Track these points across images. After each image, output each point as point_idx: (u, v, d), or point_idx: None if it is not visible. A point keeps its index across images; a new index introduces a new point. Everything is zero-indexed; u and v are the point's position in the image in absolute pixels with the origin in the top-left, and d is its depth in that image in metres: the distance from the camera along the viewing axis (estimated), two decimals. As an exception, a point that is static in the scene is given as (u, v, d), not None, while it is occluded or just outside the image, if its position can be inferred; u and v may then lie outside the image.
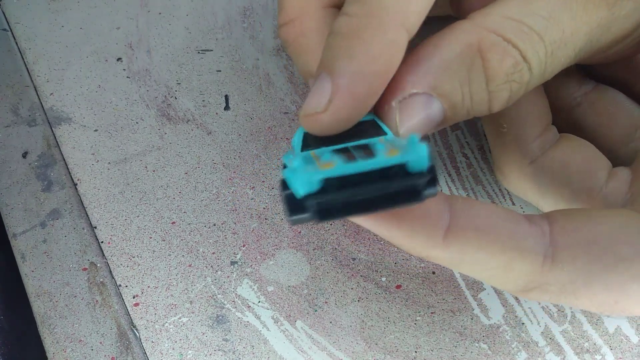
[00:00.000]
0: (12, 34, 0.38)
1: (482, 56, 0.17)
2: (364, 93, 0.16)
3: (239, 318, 0.26)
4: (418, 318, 0.26)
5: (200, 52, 0.36)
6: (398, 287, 0.27)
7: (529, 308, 0.26)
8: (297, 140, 0.18)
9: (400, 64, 0.17)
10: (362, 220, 0.18)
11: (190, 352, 0.25)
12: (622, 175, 0.23)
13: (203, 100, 0.34)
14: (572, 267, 0.17)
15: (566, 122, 0.26)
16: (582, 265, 0.17)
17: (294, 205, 0.14)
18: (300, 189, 0.13)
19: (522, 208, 0.28)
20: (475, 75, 0.18)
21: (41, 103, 0.34)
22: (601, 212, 0.19)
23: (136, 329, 0.26)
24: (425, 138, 0.26)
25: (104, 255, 0.28)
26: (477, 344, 0.25)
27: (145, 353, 0.25)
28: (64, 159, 0.32)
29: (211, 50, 0.36)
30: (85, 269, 0.28)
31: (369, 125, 0.19)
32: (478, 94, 0.18)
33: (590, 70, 0.26)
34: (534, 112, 0.24)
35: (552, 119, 0.25)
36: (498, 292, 0.26)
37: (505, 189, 0.29)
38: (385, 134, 0.18)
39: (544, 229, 0.18)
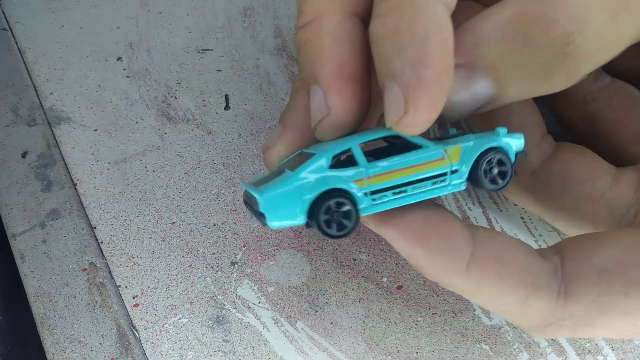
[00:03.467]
0: (12, 33, 0.38)
1: (528, 25, 0.16)
2: (433, 77, 0.15)
3: (239, 319, 0.26)
4: (419, 319, 0.25)
5: (201, 51, 0.36)
6: (399, 287, 0.26)
7: (531, 309, 0.25)
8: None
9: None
10: (390, 236, 0.18)
11: (190, 353, 0.25)
12: (627, 177, 0.23)
13: (203, 100, 0.34)
14: (585, 299, 0.17)
15: (581, 116, 0.25)
16: (596, 296, 0.17)
17: None
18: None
19: (523, 209, 0.28)
20: (521, 46, 0.16)
21: (41, 103, 0.34)
22: (608, 235, 0.18)
23: (136, 330, 0.26)
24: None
25: (103, 255, 0.28)
26: (478, 345, 0.25)
27: (145, 354, 0.25)
28: (64, 159, 0.32)
29: (211, 50, 0.36)
30: (84, 270, 0.28)
31: None
32: (528, 68, 0.16)
33: (608, 64, 0.25)
34: (528, 124, 0.24)
35: (546, 128, 0.25)
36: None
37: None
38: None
39: (555, 264, 0.18)
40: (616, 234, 0.18)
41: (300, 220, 0.17)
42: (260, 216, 0.17)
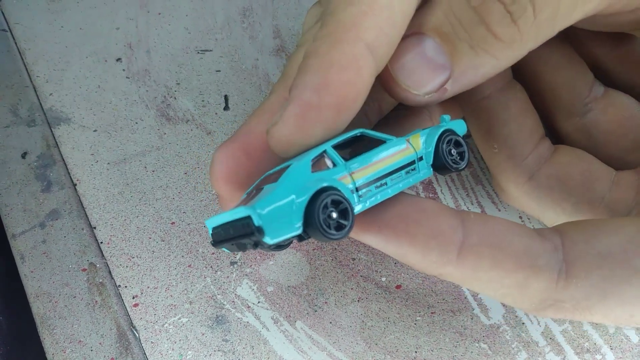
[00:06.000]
0: (12, 34, 0.38)
1: None
2: (313, 103, 0.16)
3: (238, 318, 0.26)
4: (418, 318, 0.26)
5: (200, 52, 0.36)
6: (398, 287, 0.27)
7: (529, 308, 0.26)
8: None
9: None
10: (373, 241, 0.18)
11: (190, 352, 0.25)
12: (627, 180, 0.23)
13: (202, 101, 0.34)
14: (586, 282, 0.17)
15: (577, 128, 0.25)
16: (597, 280, 0.17)
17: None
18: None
19: (522, 208, 0.28)
20: (463, 6, 0.17)
21: (40, 103, 0.34)
22: (612, 221, 0.18)
23: (136, 330, 0.26)
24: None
25: (103, 255, 0.28)
26: (477, 344, 0.25)
27: (144, 354, 0.25)
28: (64, 160, 0.32)
29: (210, 51, 0.36)
30: (84, 270, 0.28)
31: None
32: (465, 16, 0.17)
33: (602, 73, 0.25)
34: (523, 130, 0.24)
35: (544, 132, 0.25)
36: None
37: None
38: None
39: (555, 243, 0.18)
40: (621, 221, 0.18)
41: (298, 229, 0.16)
42: (255, 235, 0.15)
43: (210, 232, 0.18)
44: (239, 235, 0.16)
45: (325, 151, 0.17)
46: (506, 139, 0.24)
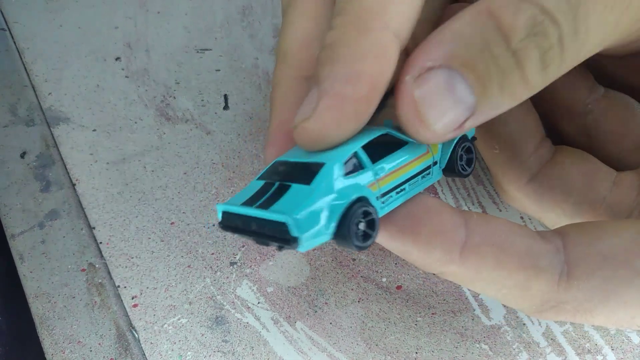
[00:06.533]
0: (11, 33, 0.38)
1: (494, 16, 0.16)
2: (348, 95, 0.16)
3: (238, 319, 0.26)
4: (419, 319, 0.25)
5: (199, 51, 0.36)
6: (399, 287, 0.26)
7: (530, 308, 0.25)
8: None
9: (419, 46, 0.17)
10: (380, 238, 0.18)
11: (189, 353, 0.25)
12: (628, 180, 0.22)
13: (202, 100, 0.34)
14: (588, 284, 0.17)
15: (578, 129, 0.25)
16: (598, 282, 0.17)
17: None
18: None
19: (523, 208, 0.28)
20: (492, 37, 0.16)
21: (39, 103, 0.34)
22: (614, 223, 0.18)
23: (135, 330, 0.26)
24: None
25: (102, 256, 0.28)
26: (478, 345, 0.25)
27: (144, 354, 0.25)
28: (63, 159, 0.32)
29: (210, 50, 0.36)
30: (83, 270, 0.28)
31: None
32: (503, 58, 0.16)
33: (601, 74, 0.25)
34: (524, 130, 0.24)
35: (544, 132, 0.25)
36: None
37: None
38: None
39: (557, 245, 0.18)
40: (623, 223, 0.18)
41: (328, 236, 0.15)
42: (289, 244, 0.15)
43: (220, 216, 0.18)
44: (264, 234, 0.16)
45: (356, 153, 0.17)
46: (507, 140, 0.24)
